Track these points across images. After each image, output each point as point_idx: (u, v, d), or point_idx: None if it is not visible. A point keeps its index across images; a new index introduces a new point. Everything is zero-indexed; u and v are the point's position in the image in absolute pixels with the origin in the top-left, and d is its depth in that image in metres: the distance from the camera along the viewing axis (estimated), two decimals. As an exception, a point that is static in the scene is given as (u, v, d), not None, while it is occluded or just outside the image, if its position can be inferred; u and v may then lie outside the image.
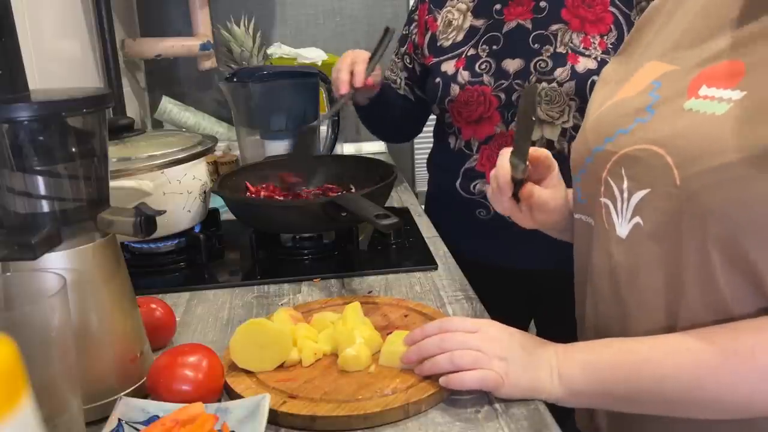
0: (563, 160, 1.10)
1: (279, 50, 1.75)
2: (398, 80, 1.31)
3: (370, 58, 1.19)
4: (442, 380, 0.63)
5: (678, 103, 0.59)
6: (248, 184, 1.17)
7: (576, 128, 1.08)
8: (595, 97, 0.73)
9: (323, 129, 1.45)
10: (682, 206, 0.56)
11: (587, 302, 0.72)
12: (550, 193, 0.75)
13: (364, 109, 1.30)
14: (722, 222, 0.54)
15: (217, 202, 1.13)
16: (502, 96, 1.10)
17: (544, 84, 1.07)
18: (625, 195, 0.62)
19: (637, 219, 0.61)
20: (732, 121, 0.54)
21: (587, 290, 0.71)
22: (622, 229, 0.62)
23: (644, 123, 0.61)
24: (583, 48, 1.06)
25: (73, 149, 0.61)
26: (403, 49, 1.30)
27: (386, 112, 1.31)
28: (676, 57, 0.64)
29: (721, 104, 0.56)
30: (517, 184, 0.72)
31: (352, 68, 1.16)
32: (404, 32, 1.30)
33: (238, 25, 1.77)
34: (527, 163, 0.69)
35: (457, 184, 1.18)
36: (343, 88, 1.16)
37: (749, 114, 0.53)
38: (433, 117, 1.30)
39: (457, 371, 0.63)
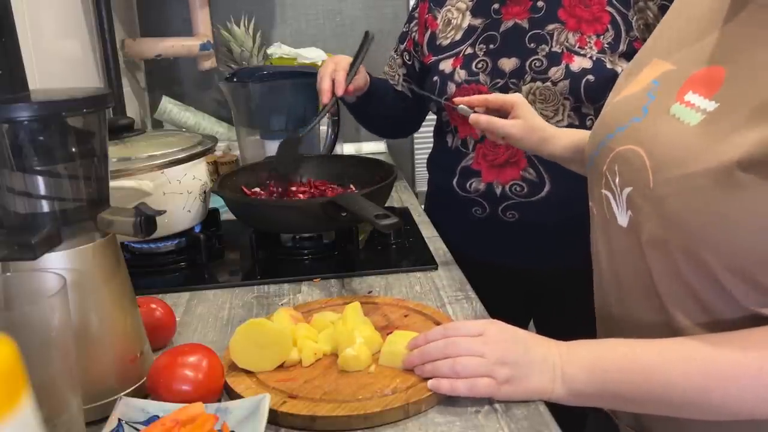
0: None
1: (279, 50, 1.75)
2: (396, 77, 1.32)
3: (351, 64, 1.19)
4: (431, 384, 0.63)
5: (666, 106, 0.61)
6: (244, 187, 1.17)
7: (570, 127, 1.08)
8: (613, 90, 0.75)
9: (323, 129, 1.45)
10: (653, 208, 0.59)
11: (594, 286, 0.75)
12: (505, 123, 0.91)
13: (354, 107, 1.30)
14: (680, 229, 0.56)
15: (217, 202, 1.13)
16: None
17: (538, 83, 1.07)
18: (618, 190, 0.64)
19: (630, 213, 0.63)
20: (700, 133, 0.56)
21: (594, 274, 0.74)
22: (622, 218, 0.64)
23: (637, 123, 0.64)
24: (578, 47, 1.06)
25: (73, 149, 0.61)
26: (402, 46, 1.30)
27: (378, 108, 1.31)
28: (676, 56, 0.65)
29: (696, 114, 0.57)
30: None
31: (333, 76, 1.17)
32: (404, 29, 1.30)
33: (238, 25, 1.77)
34: (465, 110, 0.95)
35: (454, 182, 1.18)
36: (325, 98, 1.16)
37: (716, 128, 0.55)
38: (433, 116, 1.30)
39: (458, 377, 0.63)
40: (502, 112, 0.93)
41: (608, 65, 1.04)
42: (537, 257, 1.16)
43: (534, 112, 0.92)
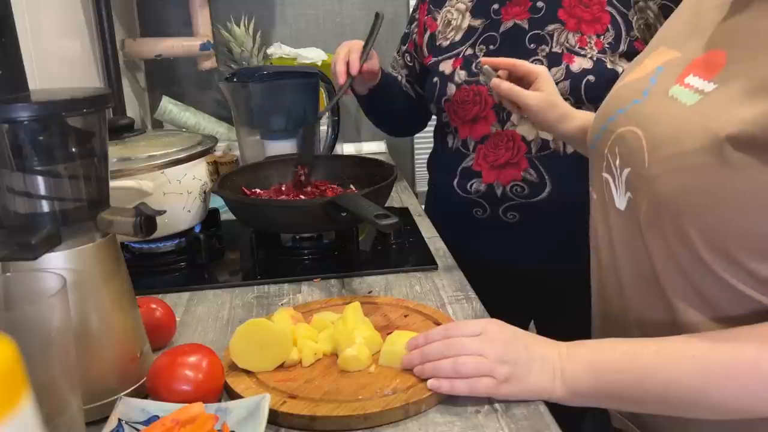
0: (559, 158, 1.10)
1: (279, 50, 1.75)
2: (399, 77, 1.32)
3: (364, 46, 1.19)
4: (431, 383, 0.63)
5: (666, 88, 0.62)
6: (244, 187, 1.17)
7: None
8: (619, 77, 0.75)
9: (323, 129, 1.45)
10: (647, 187, 0.59)
11: (593, 275, 0.74)
12: (527, 93, 0.89)
13: (366, 100, 1.30)
14: (668, 208, 0.57)
15: (217, 202, 1.13)
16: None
17: None
18: (618, 171, 0.65)
19: (629, 194, 0.63)
20: (695, 112, 0.56)
21: (593, 262, 0.74)
22: (621, 201, 0.65)
23: (638, 105, 0.64)
24: (578, 48, 1.06)
25: (73, 149, 0.61)
26: (404, 48, 1.31)
27: (389, 103, 1.31)
28: (681, 44, 0.65)
29: (694, 95, 0.58)
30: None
31: (347, 58, 1.17)
32: (406, 31, 1.31)
33: (238, 25, 1.77)
34: (489, 72, 0.93)
35: (455, 183, 1.18)
36: (341, 78, 1.17)
37: (710, 107, 0.55)
38: (434, 117, 1.30)
39: (458, 377, 0.63)
40: (525, 83, 0.92)
41: (609, 65, 1.04)
42: (537, 258, 1.16)
43: (556, 89, 0.91)
